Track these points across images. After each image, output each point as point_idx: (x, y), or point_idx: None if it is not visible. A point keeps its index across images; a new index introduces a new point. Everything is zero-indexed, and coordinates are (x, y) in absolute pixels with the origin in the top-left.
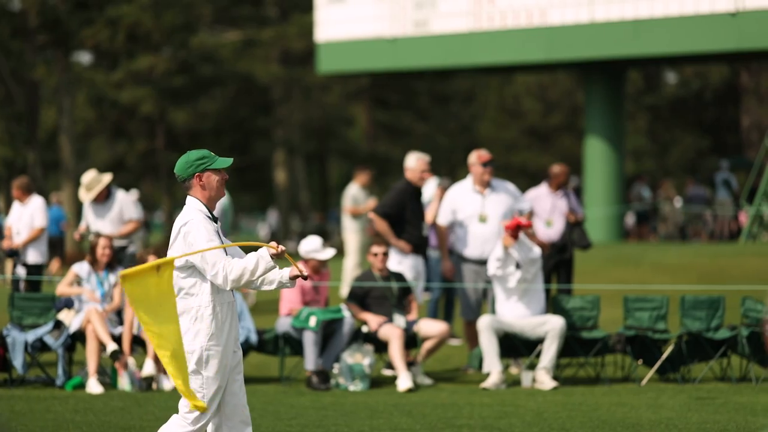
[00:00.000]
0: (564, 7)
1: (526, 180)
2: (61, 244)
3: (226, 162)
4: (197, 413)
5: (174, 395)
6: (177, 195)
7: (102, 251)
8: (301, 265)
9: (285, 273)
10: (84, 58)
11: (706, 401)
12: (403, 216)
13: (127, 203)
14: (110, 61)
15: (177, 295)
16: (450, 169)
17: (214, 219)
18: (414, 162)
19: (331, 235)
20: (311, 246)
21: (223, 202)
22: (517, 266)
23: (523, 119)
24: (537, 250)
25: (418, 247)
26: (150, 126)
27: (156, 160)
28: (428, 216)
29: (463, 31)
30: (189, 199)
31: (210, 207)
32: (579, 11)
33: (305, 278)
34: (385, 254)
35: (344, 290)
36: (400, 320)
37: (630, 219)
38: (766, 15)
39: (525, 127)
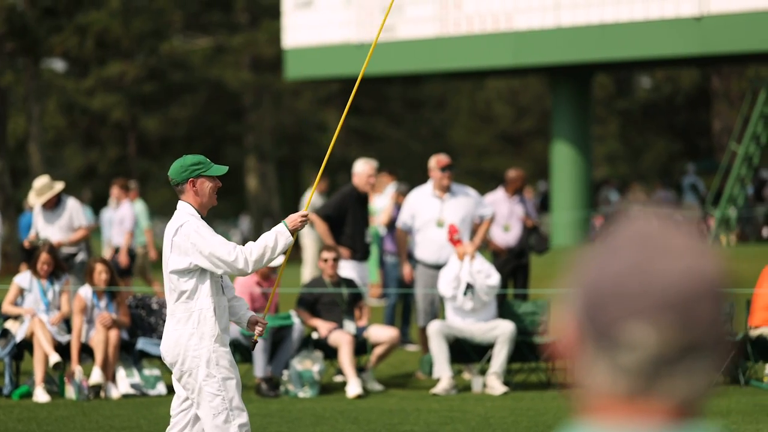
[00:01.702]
0: (530, 12)
1: (498, 185)
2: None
3: (222, 170)
4: (224, 416)
5: (121, 405)
6: (150, 202)
7: (41, 266)
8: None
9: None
10: (58, 65)
11: None
12: (345, 220)
13: (77, 210)
14: (82, 68)
15: (178, 300)
16: (422, 175)
17: None
18: (361, 167)
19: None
20: None
21: (139, 207)
22: (469, 287)
23: (494, 124)
24: (496, 278)
25: (360, 253)
26: (121, 133)
27: (128, 166)
28: (382, 219)
29: (429, 36)
30: (181, 204)
31: (201, 214)
32: (545, 16)
33: None
34: (336, 260)
35: None
36: (350, 326)
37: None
38: (730, 19)
39: (497, 132)
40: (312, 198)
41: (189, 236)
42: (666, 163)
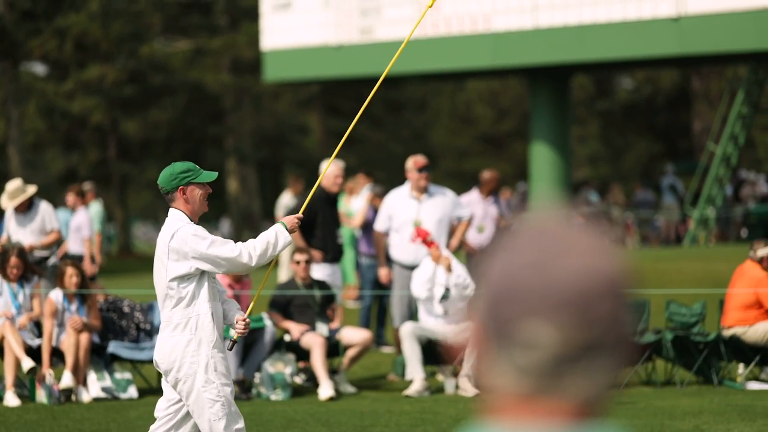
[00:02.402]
0: (508, 14)
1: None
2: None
3: (211, 176)
4: (224, 422)
5: (92, 408)
6: (131, 206)
7: (10, 269)
8: None
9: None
10: (38, 68)
11: (628, 405)
12: (315, 222)
13: (49, 214)
14: (62, 72)
15: (176, 306)
16: (403, 177)
17: None
18: (328, 168)
19: None
20: None
21: (97, 210)
22: (447, 291)
23: (475, 126)
24: (472, 287)
25: (331, 254)
26: (102, 136)
27: (108, 170)
28: (356, 221)
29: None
30: (172, 211)
31: (193, 220)
32: (523, 17)
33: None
34: (308, 262)
35: None
36: (322, 328)
37: None
38: (708, 20)
39: (477, 133)
40: (286, 200)
41: (187, 241)
42: (647, 163)
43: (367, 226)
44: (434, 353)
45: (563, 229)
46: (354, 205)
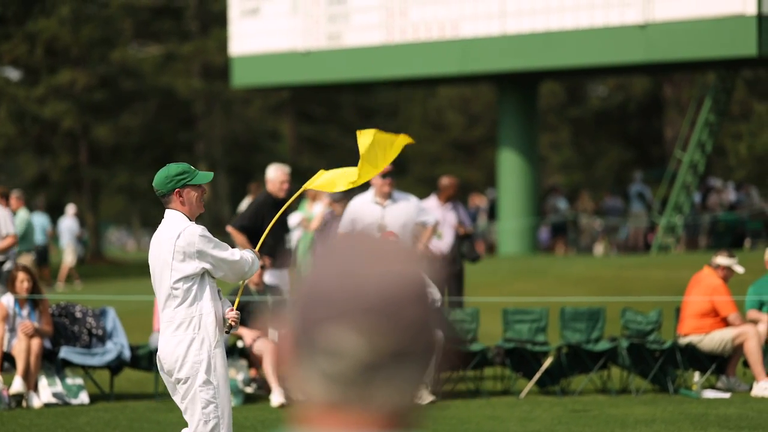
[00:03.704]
0: (476, 20)
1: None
2: None
3: (207, 177)
4: (213, 423)
5: (42, 414)
6: (103, 212)
7: None
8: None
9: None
10: (12, 74)
11: (581, 414)
12: (262, 228)
13: (5, 218)
14: (33, 76)
15: (180, 305)
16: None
17: None
18: (273, 173)
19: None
20: None
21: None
22: None
23: (446, 132)
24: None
25: (280, 260)
26: (73, 141)
27: (80, 175)
28: (313, 224)
29: (376, 44)
30: (171, 212)
31: (191, 220)
32: (491, 24)
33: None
34: (263, 267)
35: None
36: (275, 335)
37: (545, 232)
38: (675, 27)
39: (448, 140)
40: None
41: (194, 241)
42: (619, 171)
43: (323, 231)
44: None
45: (373, 240)
46: (316, 211)
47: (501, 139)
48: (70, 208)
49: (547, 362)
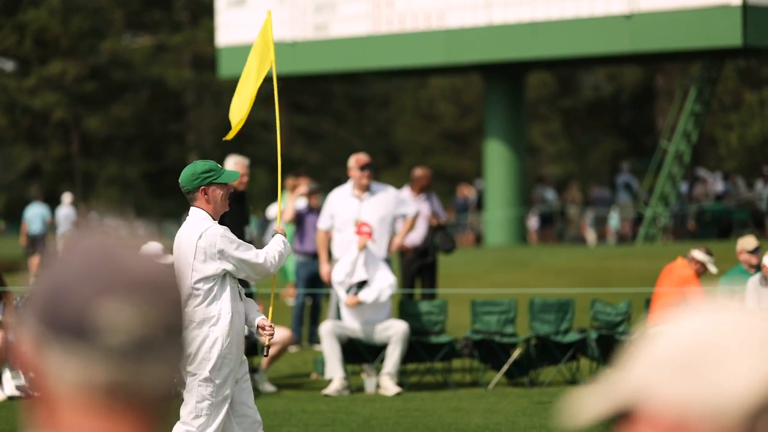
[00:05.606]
0: (462, 10)
1: (443, 183)
2: None
3: (233, 176)
4: (202, 420)
5: (3, 407)
6: (97, 203)
7: None
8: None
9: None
10: (4, 65)
11: (546, 405)
12: (223, 221)
13: None
14: (24, 67)
15: (200, 304)
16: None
17: None
18: (232, 165)
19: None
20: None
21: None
22: (364, 283)
23: (437, 123)
24: (386, 295)
25: None
26: (65, 132)
27: (71, 165)
28: (286, 216)
29: (362, 34)
30: (195, 210)
31: (215, 219)
32: (477, 14)
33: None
34: None
35: None
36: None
37: (533, 221)
38: (660, 17)
39: (440, 130)
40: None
41: (216, 242)
42: (612, 161)
43: (299, 224)
44: (356, 352)
45: (116, 232)
46: (299, 205)
47: (488, 129)
48: (67, 197)
49: (516, 354)
